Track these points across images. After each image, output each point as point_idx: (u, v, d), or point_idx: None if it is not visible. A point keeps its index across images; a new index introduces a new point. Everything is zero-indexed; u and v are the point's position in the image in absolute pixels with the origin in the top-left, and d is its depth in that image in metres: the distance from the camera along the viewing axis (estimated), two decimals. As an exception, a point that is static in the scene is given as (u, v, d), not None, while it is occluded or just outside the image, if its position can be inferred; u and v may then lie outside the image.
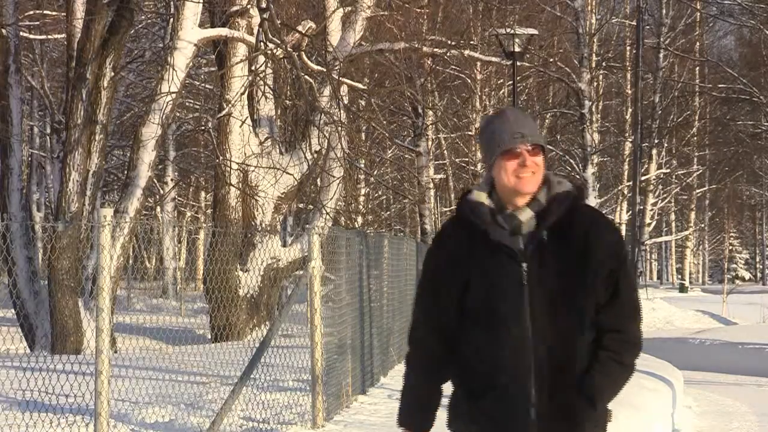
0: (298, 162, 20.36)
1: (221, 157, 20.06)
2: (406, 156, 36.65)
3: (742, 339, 20.20)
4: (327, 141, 19.63)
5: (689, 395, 14.47)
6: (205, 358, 13.38)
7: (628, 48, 41.53)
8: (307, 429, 9.05)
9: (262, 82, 19.77)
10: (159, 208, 41.18)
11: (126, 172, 18.22)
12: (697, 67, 47.76)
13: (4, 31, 17.90)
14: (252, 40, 18.53)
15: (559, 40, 36.37)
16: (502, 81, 36.01)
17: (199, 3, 17.47)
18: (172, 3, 21.42)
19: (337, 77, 19.19)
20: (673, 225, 56.88)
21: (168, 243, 38.63)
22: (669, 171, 45.68)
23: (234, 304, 19.42)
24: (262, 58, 18.82)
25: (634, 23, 36.08)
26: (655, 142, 42.86)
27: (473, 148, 34.71)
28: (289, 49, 17.08)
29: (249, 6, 19.45)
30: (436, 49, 23.45)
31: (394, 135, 34.00)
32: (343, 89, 20.59)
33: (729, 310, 31.35)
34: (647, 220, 42.40)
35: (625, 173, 41.45)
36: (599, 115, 38.19)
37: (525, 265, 3.72)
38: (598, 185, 38.53)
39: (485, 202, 3.82)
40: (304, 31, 19.48)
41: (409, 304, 13.00)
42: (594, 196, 34.72)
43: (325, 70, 18.71)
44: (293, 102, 21.20)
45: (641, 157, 36.87)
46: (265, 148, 20.46)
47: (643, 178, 38.91)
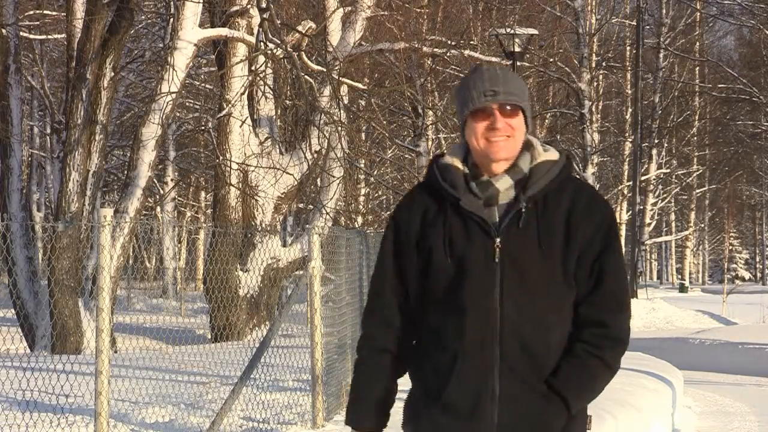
0: (298, 162, 20.37)
1: (221, 157, 20.06)
2: (406, 156, 36.64)
3: (742, 339, 20.19)
4: (327, 141, 19.64)
5: (689, 395, 14.47)
6: (205, 358, 13.39)
7: (628, 48, 41.55)
8: (307, 429, 9.05)
9: (262, 82, 19.77)
10: (159, 208, 41.19)
11: (126, 172, 18.22)
12: (697, 67, 47.80)
13: (4, 31, 17.90)
14: (252, 40, 18.54)
15: (559, 40, 36.38)
16: (502, 81, 35.92)
17: (199, 3, 17.48)
18: (172, 3, 21.41)
19: (337, 77, 19.19)
20: (673, 225, 56.92)
21: (168, 243, 38.63)
22: (669, 171, 45.71)
23: (234, 304, 19.42)
24: (262, 58, 18.82)
25: (634, 23, 36.12)
26: (655, 142, 42.88)
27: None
28: (289, 49, 17.07)
29: (249, 6, 19.46)
30: (436, 49, 23.45)
31: (394, 135, 33.99)
32: (343, 89, 20.59)
33: (729, 310, 31.35)
34: (647, 220, 42.42)
35: (625, 173, 41.47)
36: (599, 115, 38.21)
37: (499, 240, 3.24)
38: (598, 185, 38.53)
39: (458, 166, 3.36)
40: (304, 31, 19.48)
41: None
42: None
43: (325, 70, 18.70)
44: (293, 102, 21.20)
45: (641, 157, 36.91)
46: (265, 148, 20.46)
47: (643, 178, 38.94)
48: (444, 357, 3.28)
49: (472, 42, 27.83)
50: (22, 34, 22.90)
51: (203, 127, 34.53)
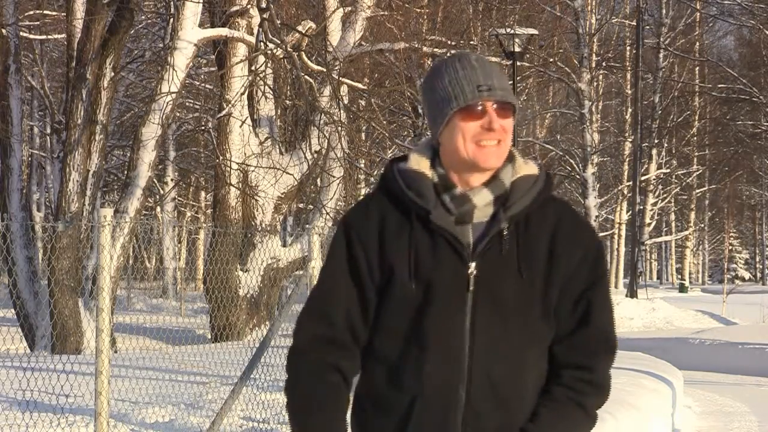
0: (298, 162, 20.37)
1: (221, 157, 20.06)
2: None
3: (742, 339, 20.18)
4: (327, 141, 19.64)
5: (689, 395, 14.46)
6: (205, 358, 13.38)
7: (628, 48, 41.56)
8: (307, 429, 9.03)
9: (262, 82, 19.78)
10: (159, 208, 41.20)
11: (126, 172, 18.23)
12: (697, 67, 47.81)
13: (4, 31, 17.90)
14: (252, 40, 18.55)
15: (559, 40, 36.37)
16: (502, 81, 35.95)
17: (199, 3, 17.48)
18: (172, 3, 21.40)
19: (337, 77, 19.20)
20: (673, 225, 56.92)
21: (168, 243, 38.65)
22: (669, 171, 45.71)
23: (234, 304, 19.43)
24: (262, 58, 18.82)
25: (634, 23, 36.12)
26: (655, 142, 42.88)
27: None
28: (289, 49, 17.08)
29: (249, 6, 19.46)
30: (436, 49, 23.45)
31: (394, 135, 33.96)
32: (343, 89, 20.59)
33: (729, 310, 31.33)
34: (647, 220, 42.42)
35: (625, 173, 41.48)
36: (599, 115, 38.23)
37: (474, 265, 2.72)
38: (598, 185, 38.54)
39: (427, 173, 2.78)
40: (304, 31, 19.48)
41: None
42: (594, 196, 34.75)
43: (325, 70, 18.71)
44: (293, 102, 21.21)
45: (641, 157, 36.92)
46: (265, 148, 20.47)
47: (643, 178, 38.95)
48: (400, 399, 2.75)
49: (472, 42, 27.82)
50: (22, 34, 22.89)
51: (203, 127, 34.54)
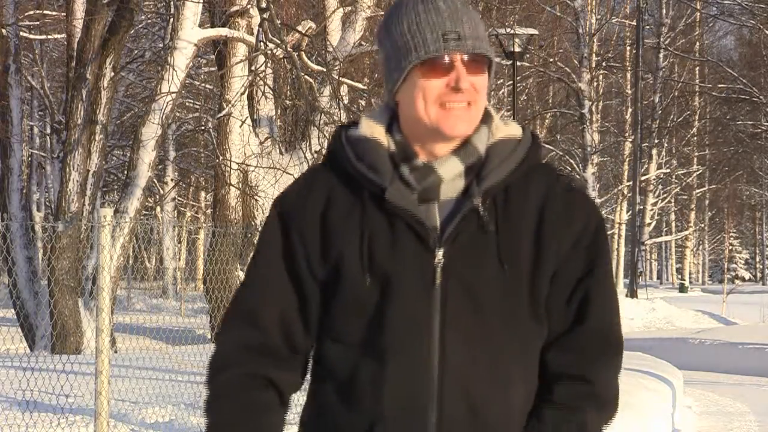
0: (298, 162, 20.37)
1: (221, 157, 20.07)
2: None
3: (742, 339, 20.19)
4: (327, 141, 19.64)
5: (689, 395, 14.47)
6: (205, 358, 13.31)
7: (628, 48, 41.55)
8: (307, 429, 9.03)
9: (262, 82, 19.78)
10: (159, 208, 41.21)
11: (126, 172, 18.23)
12: (697, 67, 47.82)
13: (4, 31, 17.91)
14: (252, 40, 18.55)
15: (559, 40, 36.40)
16: (502, 81, 36.01)
17: (199, 3, 17.49)
18: (172, 3, 21.40)
19: (337, 77, 19.20)
20: (673, 225, 56.93)
21: (168, 243, 38.66)
22: (669, 171, 45.71)
23: (234, 304, 19.42)
24: (262, 58, 18.82)
25: (634, 23, 36.12)
26: (655, 142, 42.88)
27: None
28: (289, 49, 17.08)
29: (249, 6, 19.46)
30: (436, 49, 23.45)
31: (394, 135, 34.01)
32: (343, 89, 20.59)
33: (729, 310, 31.34)
34: (647, 220, 42.42)
35: (625, 173, 41.47)
36: (599, 115, 38.21)
37: (441, 252, 2.16)
38: (598, 185, 38.55)
39: (382, 141, 2.23)
40: (304, 31, 19.48)
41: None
42: (594, 196, 34.75)
43: (325, 70, 18.71)
44: (293, 102, 21.20)
45: (641, 157, 36.92)
46: (265, 148, 20.48)
47: (643, 178, 38.95)
48: (355, 425, 2.20)
49: (472, 42, 27.83)
50: (22, 34, 22.89)
51: (203, 127, 34.53)
